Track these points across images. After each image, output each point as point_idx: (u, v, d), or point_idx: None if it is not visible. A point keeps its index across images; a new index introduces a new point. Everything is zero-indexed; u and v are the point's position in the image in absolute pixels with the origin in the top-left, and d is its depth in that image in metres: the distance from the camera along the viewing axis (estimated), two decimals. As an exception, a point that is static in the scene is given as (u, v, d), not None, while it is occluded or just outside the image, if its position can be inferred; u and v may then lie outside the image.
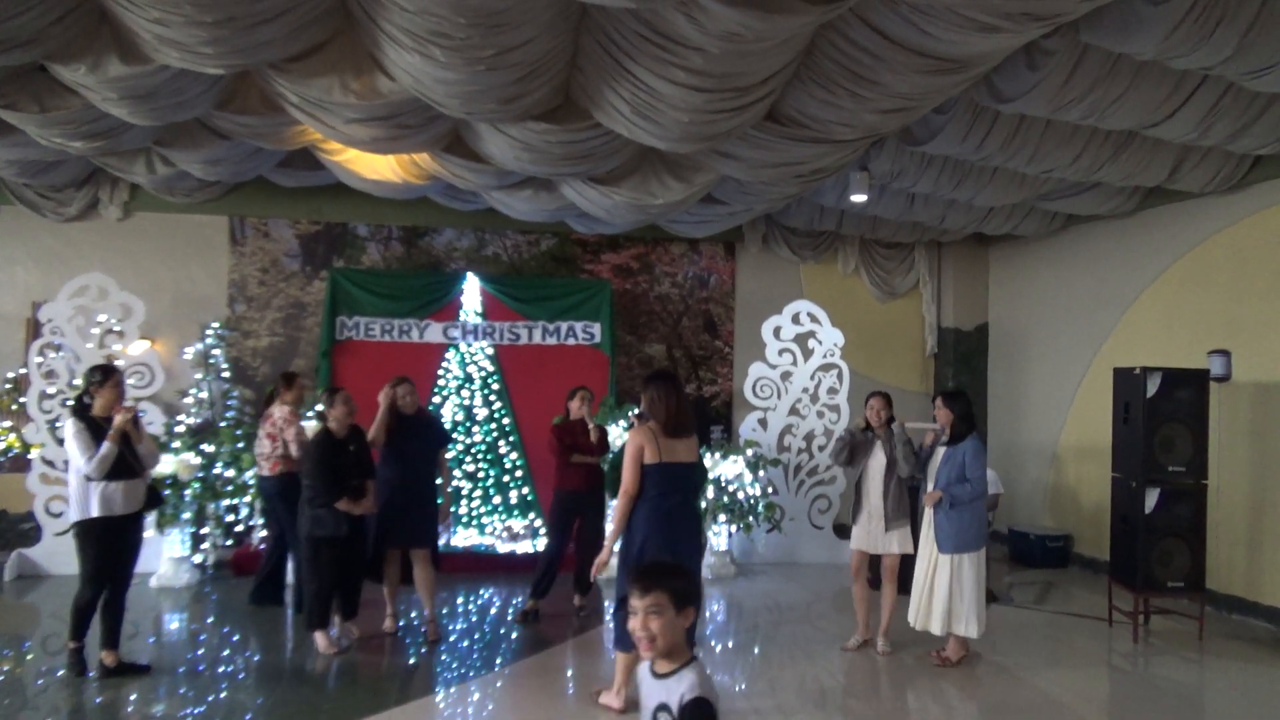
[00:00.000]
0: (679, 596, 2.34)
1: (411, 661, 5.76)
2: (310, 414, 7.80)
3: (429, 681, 5.40)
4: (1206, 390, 6.93)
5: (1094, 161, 6.89)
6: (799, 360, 8.98)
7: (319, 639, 5.82)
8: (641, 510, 4.61)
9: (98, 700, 4.94)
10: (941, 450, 5.94)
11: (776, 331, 9.02)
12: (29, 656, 5.73)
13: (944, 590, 5.76)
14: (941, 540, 5.80)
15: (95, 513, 5.11)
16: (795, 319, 9.03)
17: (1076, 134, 6.65)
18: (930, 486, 5.91)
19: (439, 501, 6.53)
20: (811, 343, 9.00)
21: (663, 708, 2.33)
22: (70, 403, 6.61)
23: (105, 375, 5.32)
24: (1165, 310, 8.23)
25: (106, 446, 5.08)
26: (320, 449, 5.82)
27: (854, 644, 6.19)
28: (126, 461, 5.20)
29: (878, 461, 6.08)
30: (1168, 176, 7.22)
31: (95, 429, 5.15)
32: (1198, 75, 5.74)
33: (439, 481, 6.58)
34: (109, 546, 5.19)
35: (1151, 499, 6.75)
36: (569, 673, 5.62)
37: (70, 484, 5.22)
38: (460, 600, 7.28)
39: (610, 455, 6.97)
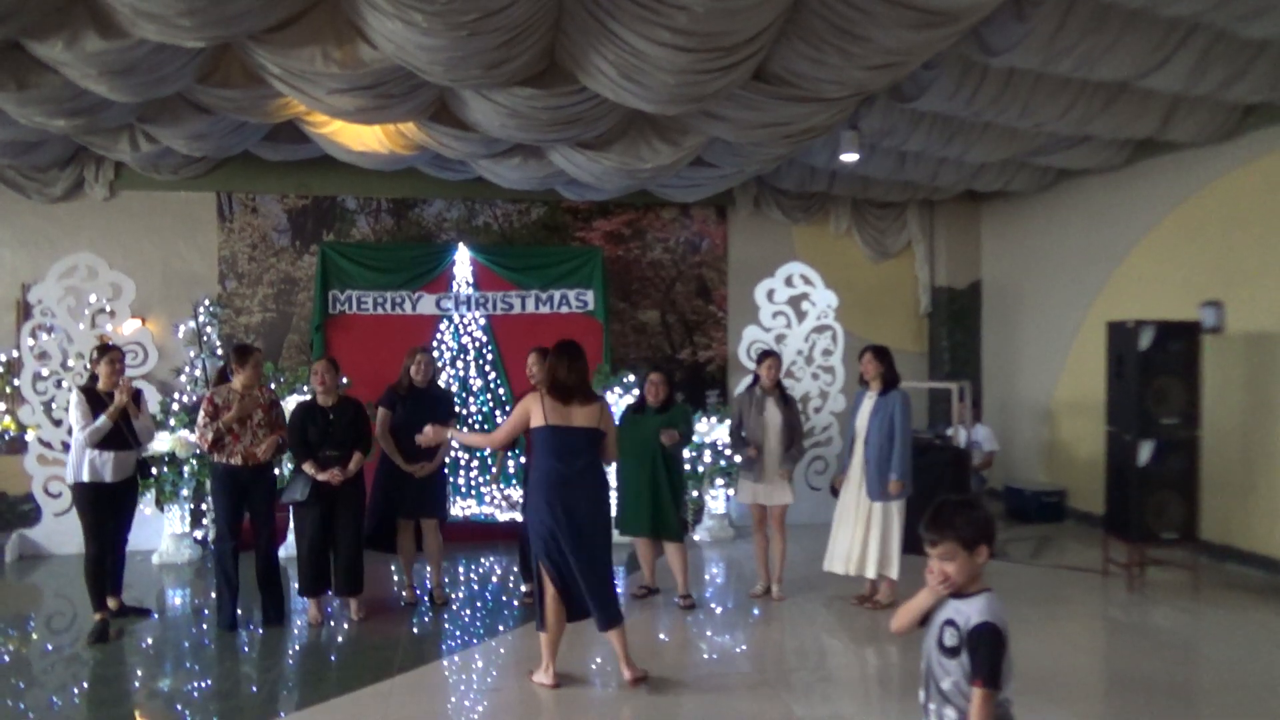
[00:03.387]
0: (967, 541, 2.47)
1: (416, 630, 5.80)
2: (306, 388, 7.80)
3: (433, 649, 5.45)
4: (1199, 342, 6.95)
5: (1085, 114, 6.86)
6: (793, 323, 8.97)
7: (309, 608, 5.88)
8: (535, 475, 4.67)
9: (103, 676, 4.98)
10: (870, 401, 6.13)
11: (770, 294, 8.99)
12: (34, 636, 5.77)
13: (877, 536, 6.03)
14: (872, 489, 6.02)
15: (85, 478, 5.55)
16: (788, 281, 9.01)
17: (1067, 86, 6.61)
18: (863, 436, 6.10)
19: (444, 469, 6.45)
20: (805, 305, 8.99)
21: (950, 623, 2.48)
22: (74, 378, 6.93)
23: (100, 352, 5.75)
24: (1158, 263, 8.22)
25: (102, 420, 5.49)
26: (295, 415, 5.86)
27: (760, 590, 6.54)
28: (121, 434, 5.60)
29: (772, 419, 6.33)
30: (1159, 128, 7.18)
31: (95, 401, 5.58)
32: (1188, 23, 5.69)
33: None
34: (100, 508, 5.63)
35: (1145, 451, 6.79)
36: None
37: (71, 450, 5.67)
38: (460, 569, 7.33)
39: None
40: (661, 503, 6.07)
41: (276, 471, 7.47)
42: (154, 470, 7.21)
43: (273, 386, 7.93)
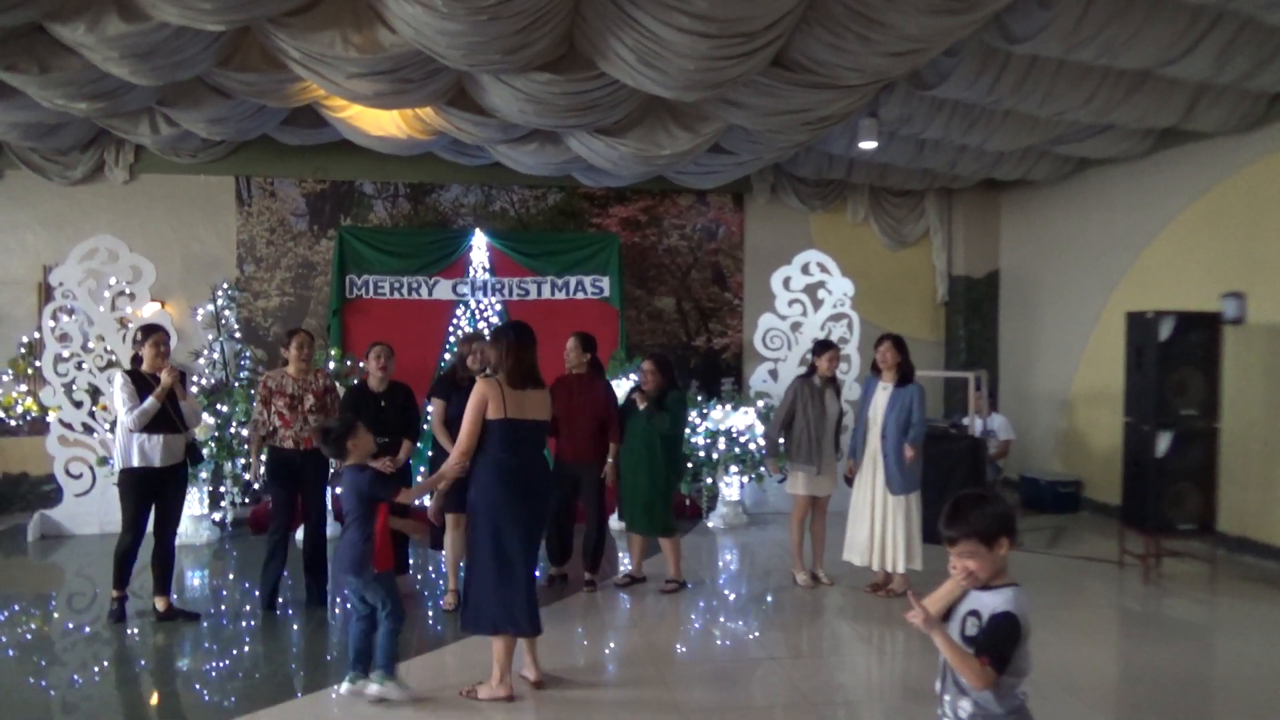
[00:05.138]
0: (986, 535, 2.44)
1: (432, 614, 5.84)
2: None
3: (450, 632, 5.49)
4: (1219, 333, 6.90)
5: (1107, 103, 6.79)
6: (809, 311, 8.94)
7: None
8: (486, 471, 4.24)
9: (122, 655, 5.04)
10: (886, 392, 6.08)
11: (786, 282, 8.96)
12: (55, 615, 5.84)
13: (902, 529, 6.00)
14: (893, 483, 6.00)
15: (134, 463, 5.34)
16: (805, 269, 8.97)
17: (1089, 75, 6.55)
18: (879, 428, 6.07)
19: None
20: (821, 293, 8.95)
21: (973, 613, 2.47)
22: (94, 360, 6.97)
23: (145, 333, 5.55)
24: (1180, 253, 8.15)
25: (149, 402, 5.29)
26: (346, 400, 5.78)
27: (808, 581, 6.42)
28: (169, 417, 5.39)
29: (831, 411, 6.36)
30: (1182, 117, 7.11)
31: (141, 383, 5.38)
32: (1213, 10, 5.63)
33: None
34: (145, 496, 5.41)
35: (1163, 442, 6.75)
36: (578, 629, 5.70)
37: (115, 435, 5.47)
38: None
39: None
40: (649, 501, 6.05)
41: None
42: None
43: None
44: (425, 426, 6.25)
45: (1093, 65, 6.33)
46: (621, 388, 8.13)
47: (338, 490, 5.65)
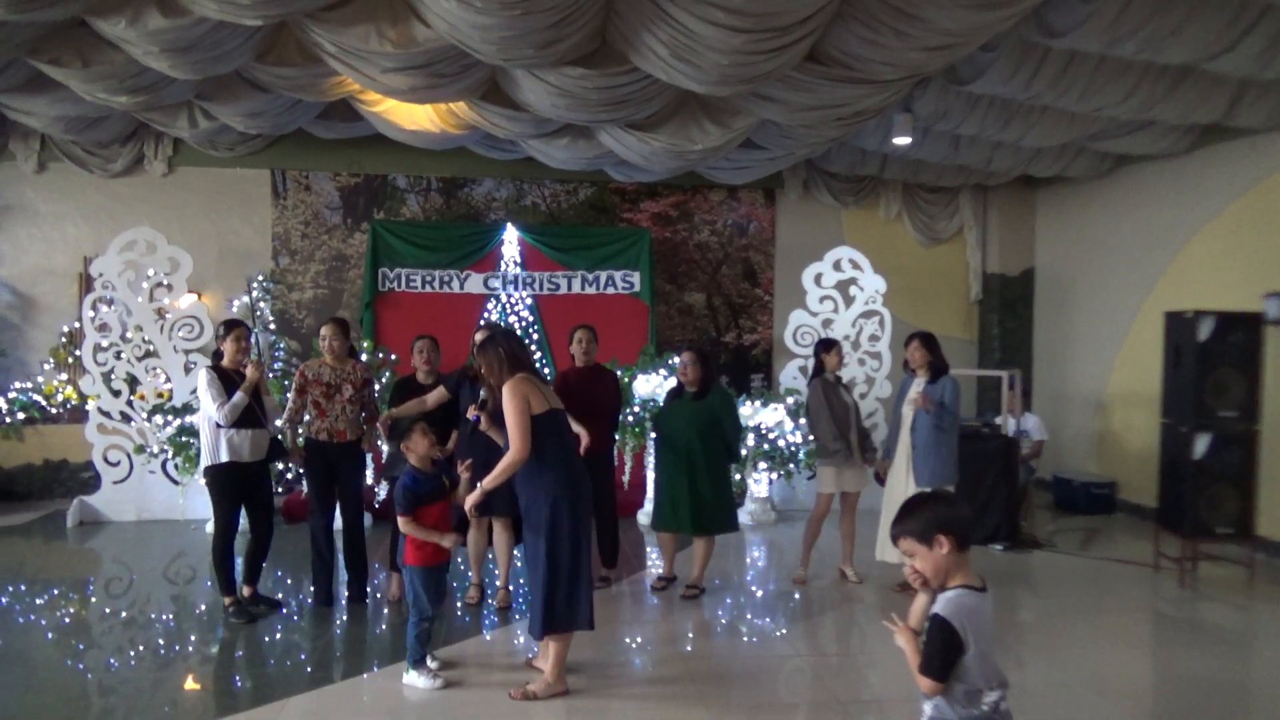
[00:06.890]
0: (920, 534, 2.38)
1: (460, 608, 5.88)
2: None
3: (474, 625, 5.53)
4: (1261, 333, 6.76)
5: (1148, 98, 6.68)
6: (840, 307, 8.89)
7: (390, 582, 5.89)
8: (546, 470, 4.17)
9: (159, 642, 5.12)
10: (919, 387, 6.07)
11: (817, 278, 8.92)
12: (93, 600, 5.95)
13: None
14: (920, 474, 5.94)
15: (224, 458, 5.32)
16: (836, 266, 8.92)
17: (1130, 70, 6.45)
18: (909, 423, 6.05)
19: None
20: (853, 290, 8.90)
21: (931, 617, 2.42)
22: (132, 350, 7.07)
23: (226, 329, 5.51)
24: (1220, 252, 8.00)
25: (239, 396, 5.27)
26: (396, 393, 5.78)
27: (803, 575, 6.42)
28: (253, 412, 5.38)
29: (850, 406, 6.37)
30: (1225, 113, 6.98)
31: (225, 379, 5.35)
32: (1260, 3, 5.51)
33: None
34: (237, 491, 5.42)
35: (1202, 444, 6.63)
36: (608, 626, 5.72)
37: (202, 431, 5.44)
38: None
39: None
40: (704, 498, 5.76)
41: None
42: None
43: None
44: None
45: (1133, 60, 6.23)
46: (650, 383, 8.15)
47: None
